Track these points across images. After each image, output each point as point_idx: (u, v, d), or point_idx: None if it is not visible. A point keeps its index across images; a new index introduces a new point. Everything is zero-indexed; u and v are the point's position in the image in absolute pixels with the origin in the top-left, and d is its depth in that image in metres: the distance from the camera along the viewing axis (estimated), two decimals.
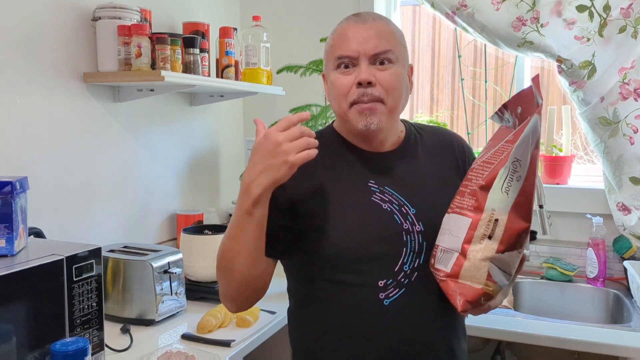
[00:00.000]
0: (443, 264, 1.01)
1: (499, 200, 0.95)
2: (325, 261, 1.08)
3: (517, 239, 0.96)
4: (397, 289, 1.07)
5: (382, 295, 1.07)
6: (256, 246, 1.03)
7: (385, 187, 1.12)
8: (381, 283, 1.07)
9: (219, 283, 1.10)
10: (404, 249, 1.09)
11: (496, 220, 0.95)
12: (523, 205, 0.95)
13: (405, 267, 1.09)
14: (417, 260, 1.09)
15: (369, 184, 1.12)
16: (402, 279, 1.08)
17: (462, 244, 0.98)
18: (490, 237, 0.95)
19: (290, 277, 1.19)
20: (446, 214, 1.04)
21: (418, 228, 1.10)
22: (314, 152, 0.96)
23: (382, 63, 1.09)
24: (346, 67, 1.10)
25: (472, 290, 0.97)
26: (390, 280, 1.08)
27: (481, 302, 0.98)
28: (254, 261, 1.04)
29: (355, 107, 1.09)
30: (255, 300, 1.12)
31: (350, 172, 1.14)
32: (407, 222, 1.10)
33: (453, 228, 1.00)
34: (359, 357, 1.09)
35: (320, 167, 1.12)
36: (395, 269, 1.08)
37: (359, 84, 1.07)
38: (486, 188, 0.95)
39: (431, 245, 1.08)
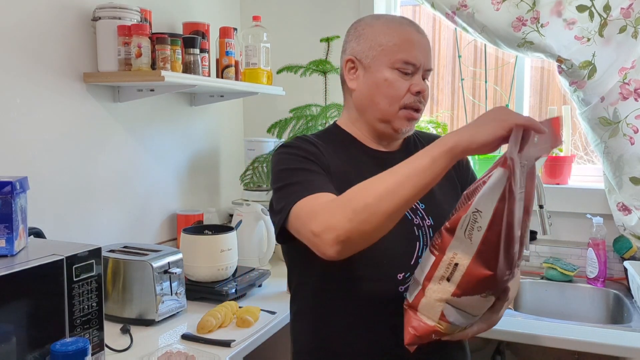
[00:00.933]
0: (409, 293, 1.04)
1: (460, 245, 0.93)
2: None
3: (476, 285, 0.94)
4: None
5: (401, 288, 1.10)
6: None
7: None
8: (400, 276, 1.11)
9: (342, 217, 0.93)
10: (417, 243, 1.13)
11: (456, 264, 0.94)
12: (487, 253, 0.91)
13: (420, 260, 1.11)
14: None
15: None
16: None
17: (423, 280, 0.99)
18: (448, 280, 0.95)
19: (305, 270, 1.19)
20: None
21: (428, 222, 1.15)
22: (536, 124, 0.89)
23: (425, 78, 1.19)
24: (407, 73, 1.15)
25: (424, 326, 0.99)
26: (408, 274, 1.11)
27: (431, 338, 1.00)
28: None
29: (405, 113, 1.16)
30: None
31: (362, 169, 1.17)
32: (417, 217, 1.15)
33: (424, 260, 1.01)
34: (379, 350, 1.11)
35: (334, 163, 1.15)
36: (412, 263, 1.12)
37: (418, 93, 1.15)
38: (450, 231, 0.94)
39: None
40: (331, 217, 0.94)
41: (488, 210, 0.89)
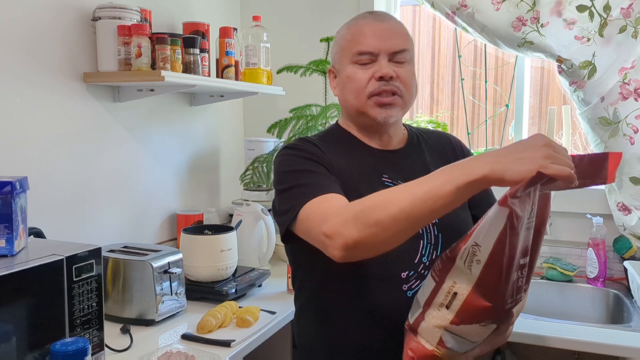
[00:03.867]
0: (411, 314, 1.03)
1: (460, 275, 0.92)
2: None
3: (475, 315, 0.93)
4: (419, 281, 1.11)
5: (405, 287, 1.11)
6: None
7: (398, 181, 1.15)
8: (404, 275, 1.11)
9: (352, 227, 0.93)
10: (421, 242, 1.13)
11: (455, 293, 0.93)
12: (487, 285, 0.90)
13: (424, 259, 1.13)
14: (435, 252, 1.13)
15: (383, 178, 1.16)
16: (422, 271, 1.12)
17: (423, 304, 0.99)
18: (447, 307, 0.95)
19: (309, 268, 1.19)
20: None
21: (433, 220, 1.12)
22: (569, 175, 0.82)
23: (398, 61, 1.15)
24: (365, 63, 1.14)
25: (423, 350, 0.99)
26: (412, 272, 1.11)
27: None
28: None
29: (374, 100, 1.14)
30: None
31: (364, 168, 1.17)
32: None
33: (426, 283, 1.01)
34: (382, 346, 1.11)
35: (337, 162, 1.15)
36: (415, 261, 1.12)
37: (381, 78, 1.13)
38: (451, 259, 0.94)
39: (446, 236, 1.12)
40: (342, 223, 0.94)
41: (487, 245, 0.87)
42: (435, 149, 1.27)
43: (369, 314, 1.12)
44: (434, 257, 1.13)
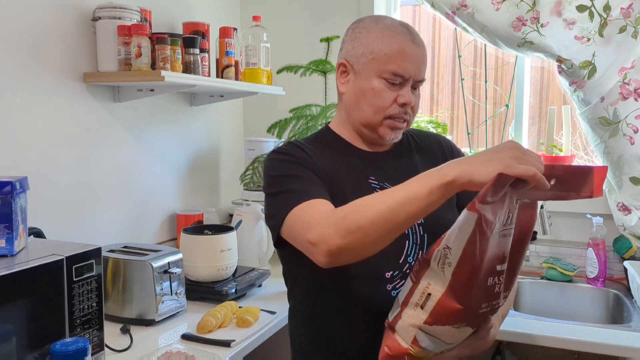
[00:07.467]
0: (391, 313, 1.05)
1: (434, 276, 0.94)
2: None
3: (447, 317, 0.94)
4: (403, 281, 1.11)
5: (389, 287, 1.12)
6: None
7: (385, 183, 1.17)
8: (388, 274, 1.12)
9: (335, 233, 0.95)
10: (407, 242, 1.14)
11: (429, 294, 0.95)
12: (459, 288, 0.92)
13: (410, 259, 1.13)
14: (420, 252, 1.14)
15: (370, 180, 1.17)
16: (407, 270, 1.12)
17: (402, 303, 1.01)
18: (422, 307, 0.96)
19: (298, 270, 1.20)
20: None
21: (419, 221, 1.13)
22: (534, 174, 0.83)
23: (415, 88, 1.18)
24: (394, 84, 1.15)
25: (398, 347, 1.01)
26: (397, 272, 1.12)
27: (405, 359, 1.01)
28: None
29: (389, 123, 1.16)
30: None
31: (352, 170, 1.18)
32: None
33: (406, 283, 1.02)
34: (367, 347, 1.11)
35: (325, 166, 1.16)
36: (400, 261, 1.13)
37: (403, 105, 1.15)
38: (426, 261, 0.96)
39: (431, 236, 1.12)
40: (326, 229, 0.96)
41: (457, 248, 0.89)
42: (424, 149, 1.27)
43: (354, 314, 1.13)
44: (418, 256, 1.13)
